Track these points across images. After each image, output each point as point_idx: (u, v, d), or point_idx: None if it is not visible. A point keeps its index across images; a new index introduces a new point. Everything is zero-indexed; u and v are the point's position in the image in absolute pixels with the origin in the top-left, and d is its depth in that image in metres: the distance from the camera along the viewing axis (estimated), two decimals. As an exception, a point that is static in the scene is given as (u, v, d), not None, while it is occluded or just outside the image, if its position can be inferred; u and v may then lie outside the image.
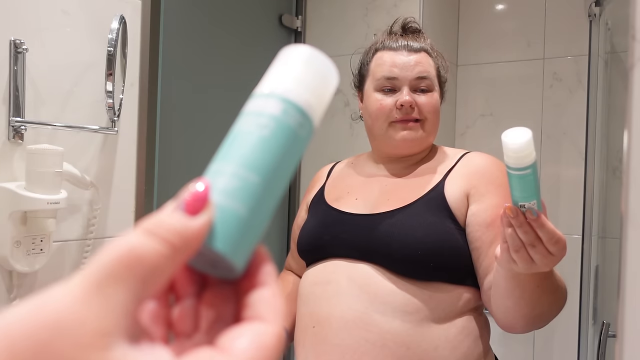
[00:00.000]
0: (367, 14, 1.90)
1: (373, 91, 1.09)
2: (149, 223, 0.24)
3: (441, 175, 1.04)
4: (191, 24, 1.54)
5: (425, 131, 1.07)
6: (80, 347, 0.21)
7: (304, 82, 0.29)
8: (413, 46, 1.09)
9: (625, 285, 0.42)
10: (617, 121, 1.83)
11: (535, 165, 0.68)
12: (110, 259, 0.22)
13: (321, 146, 1.98)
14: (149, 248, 0.23)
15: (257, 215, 0.26)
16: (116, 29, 1.16)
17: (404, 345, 0.90)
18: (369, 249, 0.97)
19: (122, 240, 0.23)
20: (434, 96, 1.08)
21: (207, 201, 0.25)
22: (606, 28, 1.82)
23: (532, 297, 0.85)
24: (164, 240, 0.23)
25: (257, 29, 1.82)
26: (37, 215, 1.02)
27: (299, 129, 0.28)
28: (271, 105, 0.28)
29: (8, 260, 1.00)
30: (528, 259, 0.73)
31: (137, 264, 0.23)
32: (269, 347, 0.24)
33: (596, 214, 1.79)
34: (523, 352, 1.93)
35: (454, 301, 0.94)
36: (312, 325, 0.97)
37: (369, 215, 1.02)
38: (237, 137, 0.27)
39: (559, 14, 1.94)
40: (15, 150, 1.04)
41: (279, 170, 0.27)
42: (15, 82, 1.02)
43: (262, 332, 0.25)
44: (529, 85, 1.98)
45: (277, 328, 0.25)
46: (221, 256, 0.25)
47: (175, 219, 0.24)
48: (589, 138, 1.80)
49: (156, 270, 0.23)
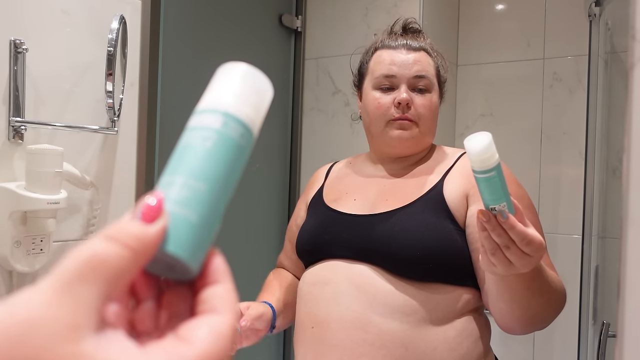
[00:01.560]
0: (367, 14, 1.90)
1: (371, 89, 1.08)
2: (110, 230, 0.26)
3: (440, 175, 1.04)
4: (191, 24, 1.54)
5: (421, 131, 1.06)
6: (54, 341, 0.23)
7: (241, 97, 0.32)
8: (412, 45, 1.08)
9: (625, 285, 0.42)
10: (617, 121, 1.83)
11: (499, 167, 0.69)
12: (77, 262, 0.25)
13: (321, 146, 1.98)
14: (111, 252, 0.25)
15: (208, 220, 0.29)
16: (116, 29, 1.16)
17: (403, 346, 0.89)
18: (368, 250, 0.96)
19: (85, 245, 0.25)
20: (432, 97, 1.07)
21: (161, 210, 0.28)
22: (606, 28, 1.82)
23: (522, 299, 0.84)
24: (124, 245, 0.26)
25: (257, 29, 1.82)
26: (37, 215, 1.02)
27: (240, 139, 0.31)
28: (213, 120, 0.30)
29: (8, 260, 1.00)
30: (505, 261, 0.73)
31: (102, 266, 0.25)
32: (225, 335, 0.27)
33: (596, 214, 1.79)
34: (523, 352, 1.93)
35: (453, 302, 0.94)
36: (310, 325, 0.97)
37: (368, 215, 1.01)
38: (184, 150, 0.30)
39: (559, 14, 1.94)
40: (15, 150, 1.04)
41: (225, 178, 0.30)
42: (15, 82, 1.02)
43: (218, 323, 0.27)
44: (529, 85, 1.98)
45: (231, 318, 0.28)
46: (177, 259, 0.28)
47: (134, 226, 0.27)
48: (589, 138, 1.80)
49: (118, 272, 0.25)
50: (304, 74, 2.01)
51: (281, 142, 1.96)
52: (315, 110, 2.00)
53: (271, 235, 1.92)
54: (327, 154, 1.95)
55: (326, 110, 1.98)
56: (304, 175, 2.01)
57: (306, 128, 2.02)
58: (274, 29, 1.91)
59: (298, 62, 2.00)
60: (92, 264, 0.25)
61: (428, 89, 1.06)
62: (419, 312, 0.91)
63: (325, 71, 1.98)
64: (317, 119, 1.99)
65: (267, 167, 1.89)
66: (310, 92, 2.01)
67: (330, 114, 1.97)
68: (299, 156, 2.01)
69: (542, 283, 0.85)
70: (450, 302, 0.94)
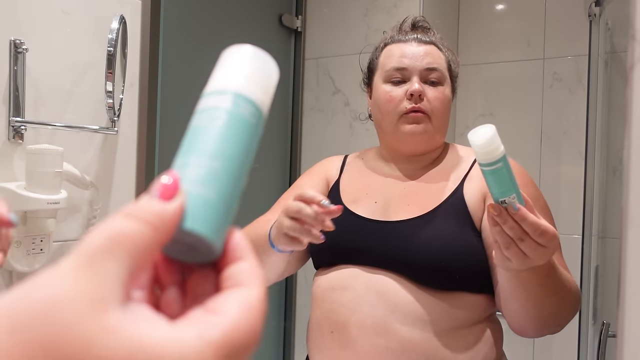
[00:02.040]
0: (367, 14, 1.90)
1: (382, 83, 1.05)
2: (129, 209, 0.26)
3: (458, 178, 1.02)
4: (191, 24, 1.54)
5: (434, 126, 1.03)
6: (78, 315, 0.22)
7: (249, 77, 0.32)
8: (422, 39, 1.06)
9: (625, 285, 0.42)
10: (617, 121, 1.83)
11: (505, 158, 0.69)
12: (98, 238, 0.24)
13: (321, 146, 1.98)
14: (133, 228, 0.25)
15: (226, 197, 0.29)
16: (116, 29, 1.16)
17: (424, 354, 0.88)
18: (390, 258, 0.94)
19: (106, 224, 0.25)
20: (445, 90, 1.04)
21: (177, 188, 0.27)
22: (606, 28, 1.82)
23: (537, 296, 0.84)
24: (145, 221, 0.25)
25: (257, 29, 1.82)
26: (37, 215, 1.02)
27: (251, 117, 0.31)
28: (222, 100, 0.31)
29: (8, 260, 1.00)
30: (520, 254, 0.72)
31: (124, 240, 0.24)
32: (255, 307, 0.27)
33: (596, 214, 1.79)
34: (523, 352, 1.93)
35: (474, 309, 0.93)
36: (329, 330, 0.95)
37: (390, 222, 0.98)
38: (195, 131, 0.30)
39: (559, 14, 1.94)
40: (15, 150, 1.04)
41: (239, 156, 0.30)
42: (15, 82, 1.02)
43: (247, 295, 0.27)
44: (529, 85, 1.98)
45: (260, 291, 0.27)
46: (199, 237, 0.27)
47: (153, 203, 0.26)
48: (589, 138, 1.80)
49: (141, 248, 0.25)
50: (304, 74, 2.01)
51: (281, 142, 1.96)
52: (315, 110, 2.00)
53: (271, 235, 1.92)
54: (327, 154, 1.94)
55: (326, 110, 1.98)
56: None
57: (306, 128, 2.02)
58: (274, 29, 1.91)
59: (298, 62, 2.00)
60: (115, 239, 0.24)
61: (440, 82, 1.04)
62: (441, 321, 0.90)
63: (325, 71, 1.98)
64: (317, 119, 1.99)
65: (267, 166, 1.89)
66: (310, 92, 2.01)
67: (330, 114, 1.97)
68: (299, 156, 2.01)
69: (555, 280, 0.84)
70: (471, 310, 0.93)
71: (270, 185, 1.92)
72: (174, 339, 0.23)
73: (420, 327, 0.89)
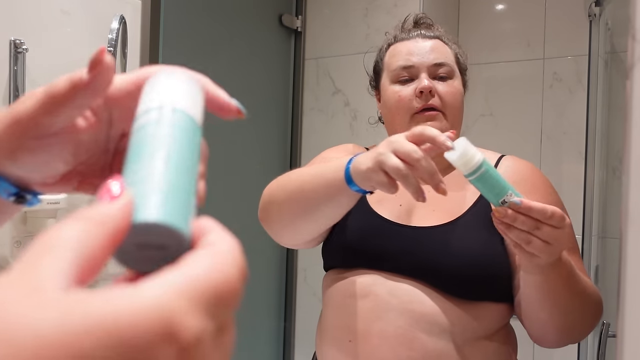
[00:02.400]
0: (367, 14, 1.90)
1: (390, 84, 1.02)
2: (74, 214, 0.24)
3: None
4: (191, 24, 1.54)
5: (449, 122, 0.98)
6: (12, 302, 0.19)
7: (173, 91, 0.33)
8: (427, 34, 1.03)
9: (625, 285, 0.42)
10: (617, 121, 1.83)
11: (486, 162, 0.69)
12: (36, 243, 0.22)
13: (321, 146, 1.98)
14: (74, 227, 0.23)
15: (177, 189, 0.28)
16: (116, 29, 1.16)
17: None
18: (417, 266, 0.90)
19: (50, 228, 0.24)
20: (455, 83, 1.01)
21: (122, 188, 0.26)
22: (606, 28, 1.82)
23: (562, 301, 0.83)
24: (89, 219, 0.24)
25: (257, 29, 1.82)
26: (37, 215, 1.02)
27: (183, 122, 0.32)
28: (151, 115, 0.31)
29: (8, 260, 1.00)
30: (542, 245, 0.72)
31: (61, 237, 0.22)
32: (228, 258, 0.24)
33: (596, 214, 1.79)
34: (523, 352, 1.93)
35: (498, 318, 0.92)
36: (347, 339, 0.92)
37: (417, 228, 0.94)
38: (135, 143, 0.30)
39: (559, 14, 1.94)
40: (15, 150, 1.04)
41: (180, 150, 0.30)
42: (15, 82, 1.02)
43: (217, 249, 0.24)
44: (529, 85, 1.98)
45: (232, 245, 0.25)
46: (160, 225, 0.25)
47: (98, 205, 0.25)
48: (589, 138, 1.80)
49: (85, 244, 0.23)
50: (304, 74, 2.01)
51: (281, 142, 1.96)
52: (315, 110, 2.00)
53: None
54: (327, 154, 1.95)
55: (326, 110, 1.98)
56: (304, 175, 2.01)
57: (306, 128, 2.01)
58: (274, 29, 1.91)
59: (298, 62, 2.00)
60: (51, 240, 0.22)
61: (450, 76, 1.00)
62: (465, 331, 0.88)
63: (325, 71, 1.98)
64: (317, 119, 1.99)
65: (267, 166, 1.89)
66: (310, 92, 2.01)
67: (330, 114, 1.97)
68: (299, 156, 2.01)
69: (576, 281, 0.83)
70: (493, 319, 0.91)
71: (270, 185, 1.92)
72: (126, 293, 0.21)
73: (445, 338, 0.87)
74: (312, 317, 1.94)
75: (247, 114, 0.39)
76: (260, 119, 1.83)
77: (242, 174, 1.75)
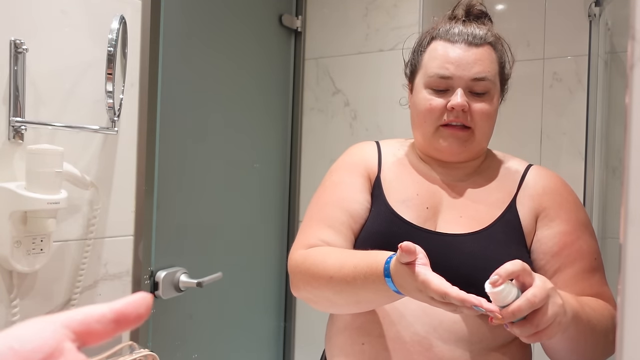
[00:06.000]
0: (367, 14, 1.90)
1: (423, 87, 0.97)
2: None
3: (510, 193, 0.96)
4: (191, 24, 1.54)
5: (477, 139, 0.96)
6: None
7: None
8: (475, 39, 0.95)
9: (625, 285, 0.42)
10: (617, 121, 1.83)
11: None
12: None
13: (320, 146, 1.98)
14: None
15: None
16: (116, 29, 1.16)
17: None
18: (441, 274, 0.86)
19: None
20: (492, 101, 0.95)
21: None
22: (606, 28, 1.82)
23: (584, 346, 0.82)
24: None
25: (257, 29, 1.82)
26: (37, 215, 1.02)
27: None
28: None
29: (8, 260, 1.00)
30: (546, 330, 0.71)
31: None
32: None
33: (596, 214, 1.79)
34: (523, 352, 1.93)
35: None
36: (361, 341, 0.90)
37: (444, 235, 0.92)
38: None
39: (559, 14, 1.94)
40: (15, 150, 1.04)
41: None
42: (15, 82, 1.02)
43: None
44: (529, 85, 1.98)
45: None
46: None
47: None
48: (588, 138, 1.80)
49: None
50: (304, 74, 2.01)
51: (281, 142, 1.96)
52: (315, 110, 2.00)
53: (271, 234, 1.92)
54: (327, 154, 1.95)
55: (326, 110, 1.98)
56: (304, 175, 2.01)
57: (306, 128, 2.02)
58: (274, 29, 1.91)
59: (298, 62, 2.00)
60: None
61: (488, 92, 0.95)
62: (484, 340, 0.87)
63: (325, 71, 1.98)
64: (317, 119, 1.99)
65: (267, 166, 1.89)
66: (310, 92, 2.01)
67: (330, 114, 1.97)
68: (299, 156, 2.01)
69: (593, 326, 0.81)
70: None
71: (270, 185, 1.92)
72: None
73: (462, 347, 0.86)
74: (312, 317, 1.95)
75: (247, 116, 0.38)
76: (260, 119, 1.83)
77: (242, 173, 1.75)
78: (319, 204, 1.00)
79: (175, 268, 1.45)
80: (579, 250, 0.92)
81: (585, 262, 0.92)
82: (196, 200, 1.55)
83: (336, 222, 0.96)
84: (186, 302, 1.52)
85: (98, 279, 1.22)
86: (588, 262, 0.93)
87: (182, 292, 1.46)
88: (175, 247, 1.48)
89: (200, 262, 1.56)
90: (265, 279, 1.90)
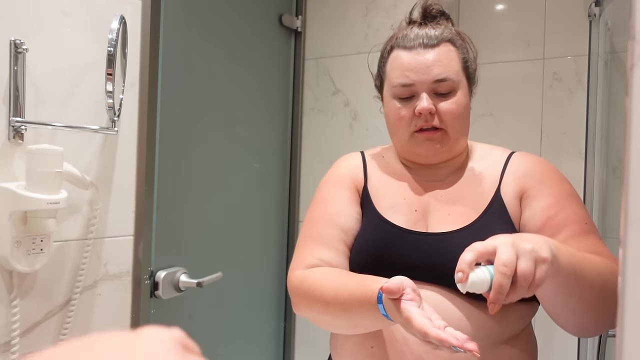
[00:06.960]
0: (367, 14, 1.90)
1: (391, 98, 0.99)
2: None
3: (494, 182, 0.97)
4: (191, 24, 1.54)
5: (451, 137, 0.97)
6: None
7: None
8: (430, 40, 0.96)
9: (625, 285, 0.42)
10: (617, 121, 1.83)
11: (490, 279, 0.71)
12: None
13: (320, 146, 1.98)
14: None
15: None
16: (116, 29, 1.16)
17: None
18: (439, 274, 0.88)
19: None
20: (459, 99, 0.96)
21: None
22: (606, 28, 1.83)
23: (580, 294, 0.78)
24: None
25: (257, 29, 1.82)
26: (37, 215, 1.02)
27: None
28: None
29: (8, 260, 1.00)
30: (535, 278, 0.69)
31: None
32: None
33: (596, 214, 1.79)
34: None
35: (522, 319, 0.91)
36: (370, 345, 0.91)
37: (434, 235, 0.93)
38: None
39: (558, 14, 1.94)
40: (15, 150, 1.04)
41: None
42: (15, 82, 1.02)
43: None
44: (529, 85, 1.98)
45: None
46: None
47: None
48: (588, 138, 1.80)
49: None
50: (304, 74, 2.02)
51: (281, 142, 1.96)
52: (315, 110, 2.00)
53: (271, 234, 1.92)
54: (327, 154, 1.95)
55: (326, 110, 1.98)
56: (304, 175, 2.01)
57: (306, 128, 2.02)
58: (274, 29, 1.91)
59: (298, 62, 2.00)
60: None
61: (453, 90, 0.96)
62: (491, 335, 0.87)
63: (325, 71, 1.98)
64: (317, 119, 2.00)
65: (267, 166, 1.89)
66: (310, 92, 2.01)
67: (330, 114, 1.97)
68: (299, 156, 2.01)
69: (585, 274, 0.78)
70: (519, 320, 0.90)
71: (270, 185, 1.92)
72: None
73: None
74: (312, 317, 1.95)
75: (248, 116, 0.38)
76: (260, 119, 1.83)
77: (242, 173, 1.75)
78: (311, 220, 1.02)
79: (175, 268, 1.45)
80: (565, 219, 0.90)
81: (574, 227, 0.90)
82: (196, 200, 1.55)
83: (329, 239, 0.97)
84: (186, 302, 1.52)
85: (98, 279, 1.22)
86: (577, 227, 0.90)
87: (182, 292, 1.46)
88: (175, 247, 1.48)
89: (200, 262, 1.56)
90: (265, 279, 1.90)
